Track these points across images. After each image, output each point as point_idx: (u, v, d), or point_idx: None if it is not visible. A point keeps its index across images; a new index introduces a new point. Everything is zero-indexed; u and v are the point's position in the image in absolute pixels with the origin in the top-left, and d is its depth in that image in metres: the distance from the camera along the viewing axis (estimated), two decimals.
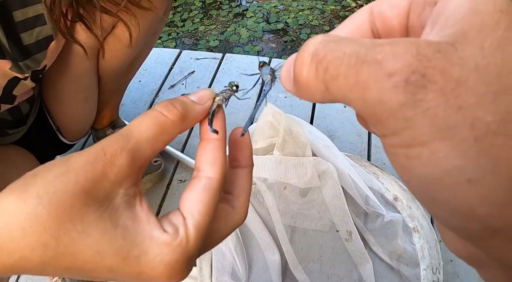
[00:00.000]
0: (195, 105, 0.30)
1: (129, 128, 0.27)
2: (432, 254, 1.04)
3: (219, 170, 0.30)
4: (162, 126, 0.27)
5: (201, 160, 0.30)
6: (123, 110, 1.39)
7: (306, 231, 1.08)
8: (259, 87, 1.36)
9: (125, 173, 0.26)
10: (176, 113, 0.28)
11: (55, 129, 1.02)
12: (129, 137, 0.26)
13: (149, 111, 0.28)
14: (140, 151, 0.27)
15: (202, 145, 0.31)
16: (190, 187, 0.29)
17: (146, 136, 0.27)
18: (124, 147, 0.26)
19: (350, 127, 1.33)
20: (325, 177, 1.05)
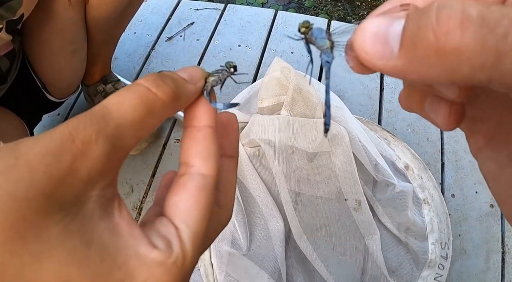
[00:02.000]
0: (187, 84, 0.25)
1: (107, 107, 0.20)
2: (441, 228, 0.99)
3: (214, 165, 0.25)
4: (150, 106, 0.22)
5: (190, 153, 0.25)
6: (117, 64, 1.29)
7: (312, 198, 1.01)
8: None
9: (102, 167, 0.19)
10: (168, 91, 0.23)
11: (40, 86, 0.92)
12: (108, 119, 0.20)
13: (131, 86, 0.22)
14: (121, 138, 0.20)
15: (190, 133, 0.26)
16: (179, 187, 0.24)
17: (131, 119, 0.21)
18: (101, 131, 0.19)
19: (360, 88, 1.23)
20: (335, 141, 0.97)
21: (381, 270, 0.95)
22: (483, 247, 1.01)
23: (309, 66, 0.31)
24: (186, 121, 0.26)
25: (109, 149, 0.19)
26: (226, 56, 1.30)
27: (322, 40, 0.27)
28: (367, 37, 0.19)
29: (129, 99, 0.21)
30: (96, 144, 0.19)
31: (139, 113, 0.21)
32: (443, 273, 0.94)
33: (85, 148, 0.18)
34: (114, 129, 0.20)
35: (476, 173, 1.10)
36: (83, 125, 0.19)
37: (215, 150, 0.25)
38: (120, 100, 0.21)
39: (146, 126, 0.22)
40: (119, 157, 0.21)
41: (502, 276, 0.98)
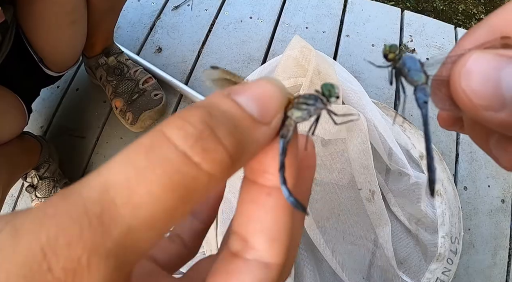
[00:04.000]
0: (256, 128, 0.15)
1: (108, 194, 0.12)
2: (453, 222, 0.97)
3: (284, 250, 0.16)
4: (186, 190, 0.13)
5: (250, 226, 0.17)
6: (119, 34, 1.20)
7: (324, 184, 0.98)
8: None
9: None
10: (222, 159, 0.14)
11: (37, 60, 0.84)
12: (109, 222, 0.12)
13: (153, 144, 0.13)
14: (132, 248, 0.13)
15: (253, 195, 0.17)
16: (228, 275, 0.16)
17: (150, 217, 0.13)
18: (97, 247, 0.12)
19: (377, 69, 1.17)
20: (352, 128, 0.93)
21: (390, 261, 0.93)
22: (491, 242, 1.00)
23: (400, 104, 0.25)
24: (247, 171, 0.17)
25: (111, 271, 0.12)
26: (237, 29, 1.22)
27: (417, 74, 0.21)
28: (475, 80, 0.15)
29: (149, 181, 0.13)
30: (88, 270, 0.12)
31: (165, 206, 0.13)
32: (451, 268, 0.93)
33: (70, 279, 0.11)
34: (121, 238, 0.12)
35: (489, 166, 1.08)
36: (66, 239, 0.11)
37: (289, 226, 0.17)
38: (133, 182, 0.12)
39: (176, 219, 0.13)
40: (129, 270, 0.13)
41: (507, 272, 0.98)
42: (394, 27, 1.26)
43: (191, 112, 0.14)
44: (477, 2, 1.62)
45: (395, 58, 0.22)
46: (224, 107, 0.15)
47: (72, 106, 1.11)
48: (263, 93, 0.16)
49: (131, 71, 1.05)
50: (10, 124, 0.81)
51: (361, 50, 1.21)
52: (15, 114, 0.81)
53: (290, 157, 0.17)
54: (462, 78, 0.16)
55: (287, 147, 0.17)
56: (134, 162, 0.13)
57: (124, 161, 0.13)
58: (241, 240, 0.17)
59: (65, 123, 1.09)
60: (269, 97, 0.16)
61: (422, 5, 1.57)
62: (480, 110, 0.16)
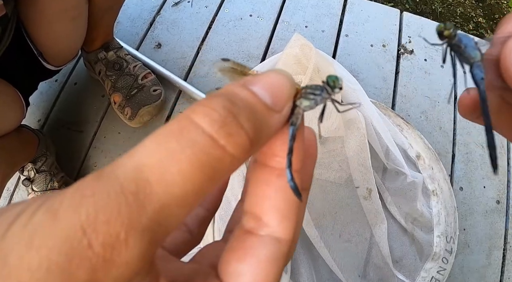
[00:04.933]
0: (271, 115, 0.17)
1: (142, 173, 0.13)
2: (448, 222, 0.98)
3: (294, 226, 0.18)
4: (214, 169, 0.14)
5: (264, 205, 0.18)
6: (119, 29, 1.20)
7: (321, 182, 0.99)
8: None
9: (135, 270, 0.13)
10: (243, 142, 0.15)
11: (36, 54, 0.84)
12: (145, 200, 0.13)
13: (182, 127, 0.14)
14: (164, 224, 0.14)
15: (265, 176, 0.18)
16: (245, 252, 0.17)
17: (182, 194, 0.14)
18: (134, 224, 0.13)
19: (376, 69, 1.18)
20: (350, 127, 0.94)
21: (385, 259, 0.94)
22: (486, 242, 1.00)
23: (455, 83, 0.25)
24: (259, 155, 0.19)
25: (146, 245, 0.13)
26: (236, 26, 1.22)
27: (473, 51, 0.22)
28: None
29: (180, 161, 0.13)
30: (126, 245, 0.12)
31: (195, 184, 0.14)
32: (446, 267, 0.93)
33: (109, 254, 0.12)
34: (155, 214, 0.13)
35: (485, 167, 1.09)
36: (105, 217, 0.12)
37: (297, 205, 0.19)
38: (165, 162, 0.13)
39: (202, 196, 0.15)
40: (160, 244, 0.14)
41: (501, 272, 0.98)
42: (393, 28, 1.27)
43: (214, 99, 0.15)
44: (475, 6, 1.64)
45: (450, 35, 0.22)
46: (242, 96, 0.16)
47: (70, 100, 1.11)
48: (275, 83, 0.17)
49: (130, 66, 1.04)
50: (8, 117, 0.81)
51: (360, 50, 1.21)
52: (13, 107, 0.81)
53: (297, 143, 0.18)
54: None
55: (296, 133, 0.18)
56: (165, 144, 0.14)
57: (154, 143, 0.14)
58: (255, 218, 0.18)
59: (63, 117, 1.09)
60: (280, 87, 0.17)
61: (421, 7, 1.58)
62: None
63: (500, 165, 1.10)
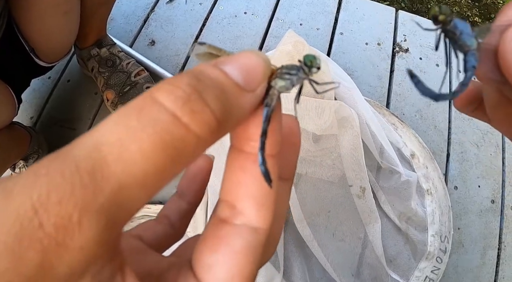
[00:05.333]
0: (242, 95, 0.16)
1: (100, 152, 0.12)
2: (442, 221, 0.97)
3: (270, 215, 0.17)
4: (176, 149, 0.13)
5: (238, 192, 0.17)
6: (112, 26, 1.19)
7: (314, 181, 0.98)
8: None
9: (91, 256, 0.12)
10: (209, 121, 0.14)
11: (28, 51, 0.83)
12: (101, 180, 0.12)
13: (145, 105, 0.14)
14: (123, 206, 0.13)
15: (240, 162, 0.17)
16: (219, 242, 0.17)
17: (142, 175, 0.13)
18: (88, 205, 0.12)
19: (371, 67, 1.18)
20: (344, 125, 0.93)
21: (379, 259, 0.93)
22: (480, 242, 1.00)
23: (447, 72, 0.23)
24: (234, 139, 0.18)
25: (102, 228, 0.12)
26: (231, 24, 1.22)
27: (469, 38, 0.20)
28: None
29: (140, 139, 0.13)
30: (79, 228, 0.11)
31: (156, 164, 0.13)
32: (440, 267, 0.93)
33: (61, 236, 0.11)
34: (112, 196, 0.12)
35: (480, 166, 1.08)
36: (57, 197, 0.11)
37: (275, 192, 0.18)
38: (125, 140, 0.13)
39: (165, 179, 0.14)
40: (119, 229, 0.13)
41: (496, 272, 0.98)
42: (388, 26, 1.26)
43: (180, 77, 0.14)
44: (471, 5, 1.63)
45: (445, 20, 0.21)
46: (211, 75, 0.15)
47: (63, 97, 1.10)
48: (248, 62, 0.16)
49: (123, 63, 1.04)
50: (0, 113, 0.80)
51: (354, 48, 1.21)
52: (4, 103, 0.80)
53: (273, 126, 0.17)
54: None
55: (271, 116, 0.17)
56: (125, 123, 0.13)
57: (114, 122, 0.13)
58: (230, 207, 0.17)
59: (55, 114, 1.08)
60: (254, 66, 0.16)
61: (417, 6, 1.58)
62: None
63: (495, 164, 1.09)
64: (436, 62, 1.20)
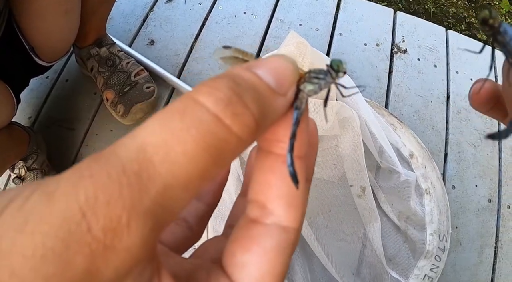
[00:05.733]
0: (275, 97, 0.16)
1: (145, 154, 0.12)
2: (441, 220, 0.98)
3: (301, 215, 0.18)
4: (219, 150, 0.13)
5: (269, 193, 0.17)
6: (112, 26, 1.19)
7: (315, 180, 0.98)
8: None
9: (136, 258, 0.12)
10: (249, 123, 0.14)
11: (28, 50, 0.83)
12: (148, 182, 0.12)
13: (187, 106, 0.14)
14: (168, 208, 0.13)
15: (270, 163, 0.18)
16: (251, 241, 0.17)
17: (186, 176, 0.13)
18: (136, 207, 0.12)
19: (369, 68, 1.19)
20: (345, 125, 0.94)
21: (379, 257, 0.94)
22: (477, 240, 1.01)
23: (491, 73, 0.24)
24: (262, 141, 0.18)
25: (149, 230, 0.12)
26: (230, 24, 1.22)
27: None
28: None
29: (184, 140, 0.13)
30: (128, 229, 0.11)
31: (200, 165, 0.13)
32: (439, 265, 0.94)
33: (109, 239, 0.11)
34: (158, 197, 0.12)
35: (477, 166, 1.10)
36: (105, 198, 0.11)
37: (305, 192, 0.18)
38: (169, 142, 0.13)
39: (207, 180, 0.14)
40: (162, 230, 0.13)
41: (493, 270, 0.99)
42: (387, 27, 1.27)
43: (218, 80, 0.15)
44: (468, 6, 1.65)
45: (494, 24, 0.21)
46: (246, 77, 0.15)
47: (61, 97, 1.10)
48: (279, 66, 0.17)
49: (123, 63, 1.03)
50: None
51: (353, 48, 1.21)
52: (4, 103, 0.79)
53: (301, 128, 0.18)
54: None
55: (300, 118, 0.18)
56: (169, 124, 0.13)
57: (158, 123, 0.13)
58: (260, 207, 0.17)
59: (54, 114, 1.07)
60: (284, 70, 0.17)
61: (414, 7, 1.59)
62: None
63: (492, 164, 1.11)
64: (434, 63, 1.22)
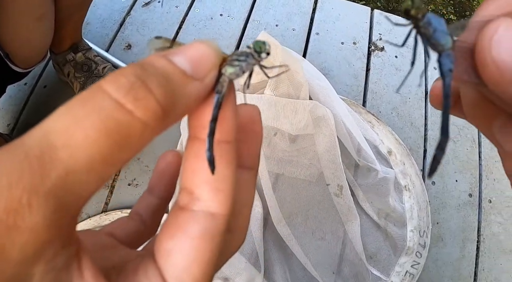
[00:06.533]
0: (188, 82, 0.16)
1: (49, 139, 0.13)
2: (421, 216, 0.98)
3: (228, 200, 0.17)
4: (122, 135, 0.14)
5: (195, 179, 0.17)
6: (88, 30, 1.19)
7: (292, 180, 0.99)
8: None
9: (42, 239, 0.13)
10: (153, 107, 0.14)
11: (2, 56, 0.83)
12: (49, 164, 0.13)
13: (92, 95, 0.14)
14: (72, 191, 0.13)
15: (195, 149, 0.18)
16: (177, 228, 0.17)
17: (88, 160, 0.13)
18: (37, 188, 0.12)
19: (346, 67, 1.19)
20: (320, 124, 0.94)
21: (359, 255, 0.94)
22: (459, 235, 1.01)
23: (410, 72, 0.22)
24: (190, 128, 0.18)
25: (51, 211, 0.13)
26: (207, 26, 1.22)
27: (443, 36, 0.18)
28: (505, 50, 0.14)
29: (85, 126, 0.13)
30: (29, 210, 0.12)
31: (102, 149, 0.13)
32: (420, 261, 0.94)
33: (12, 219, 0.12)
34: (60, 180, 0.13)
35: (457, 161, 1.10)
36: (7, 181, 0.12)
37: (231, 177, 0.18)
38: (71, 127, 0.13)
39: (114, 164, 0.14)
40: (71, 213, 0.14)
41: (476, 264, 0.99)
42: (364, 25, 1.27)
43: (127, 68, 0.15)
44: (446, 3, 1.66)
45: (418, 15, 0.19)
46: (157, 64, 0.16)
47: (40, 103, 1.09)
48: (197, 52, 0.17)
49: (100, 68, 1.03)
50: None
51: (330, 48, 1.22)
52: None
53: (225, 112, 0.18)
54: (492, 47, 0.15)
55: (222, 102, 0.17)
56: (72, 111, 0.14)
57: (63, 111, 0.14)
58: (188, 194, 0.17)
59: (32, 121, 1.07)
60: (202, 56, 0.17)
61: (392, 5, 1.60)
62: (508, 85, 0.15)
63: (472, 158, 1.11)
64: (412, 60, 1.22)
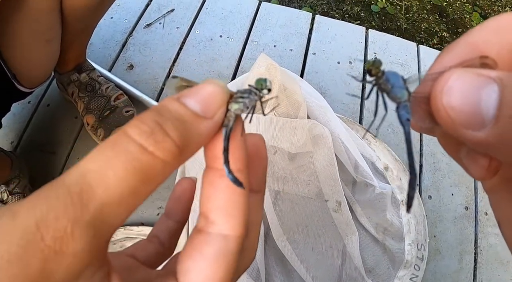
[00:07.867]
0: (199, 122, 0.18)
1: (86, 179, 0.16)
2: (418, 230, 1.00)
3: (240, 223, 0.20)
4: (145, 173, 0.16)
5: (210, 205, 0.20)
6: (92, 51, 1.22)
7: (292, 197, 1.00)
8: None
9: (83, 261, 0.16)
10: (170, 148, 0.17)
11: (10, 77, 0.85)
12: (87, 200, 0.15)
13: (118, 141, 0.17)
14: (106, 220, 0.16)
15: (210, 178, 0.20)
16: (195, 250, 0.19)
17: (119, 195, 0.16)
18: (79, 219, 0.15)
19: (342, 86, 1.22)
20: (318, 142, 0.96)
21: (359, 270, 0.95)
22: (457, 248, 1.03)
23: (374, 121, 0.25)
24: (206, 159, 0.21)
25: (90, 239, 0.15)
26: (207, 47, 1.26)
27: (400, 91, 0.21)
28: (455, 97, 0.16)
29: (115, 166, 0.16)
30: (72, 238, 0.15)
31: (130, 186, 0.16)
32: (418, 274, 0.95)
33: (58, 246, 0.14)
34: (97, 212, 0.15)
35: (452, 175, 1.12)
36: (54, 214, 0.14)
37: (243, 202, 0.20)
38: (104, 168, 0.16)
39: (140, 197, 0.17)
40: (105, 240, 0.17)
41: (474, 276, 1.01)
42: (359, 45, 1.31)
43: (146, 114, 0.18)
44: (439, 21, 1.71)
45: (377, 74, 0.22)
46: (171, 108, 0.18)
47: (43, 122, 1.12)
48: (206, 93, 0.19)
49: (103, 88, 1.06)
50: None
51: (327, 67, 1.25)
52: None
53: (235, 143, 0.20)
54: (444, 95, 0.17)
55: (230, 134, 0.20)
56: (103, 153, 0.16)
57: (95, 153, 0.16)
58: (204, 217, 0.20)
59: (36, 139, 1.09)
60: (210, 96, 0.19)
61: (387, 24, 1.65)
62: (459, 128, 0.16)
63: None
64: (406, 77, 1.25)
